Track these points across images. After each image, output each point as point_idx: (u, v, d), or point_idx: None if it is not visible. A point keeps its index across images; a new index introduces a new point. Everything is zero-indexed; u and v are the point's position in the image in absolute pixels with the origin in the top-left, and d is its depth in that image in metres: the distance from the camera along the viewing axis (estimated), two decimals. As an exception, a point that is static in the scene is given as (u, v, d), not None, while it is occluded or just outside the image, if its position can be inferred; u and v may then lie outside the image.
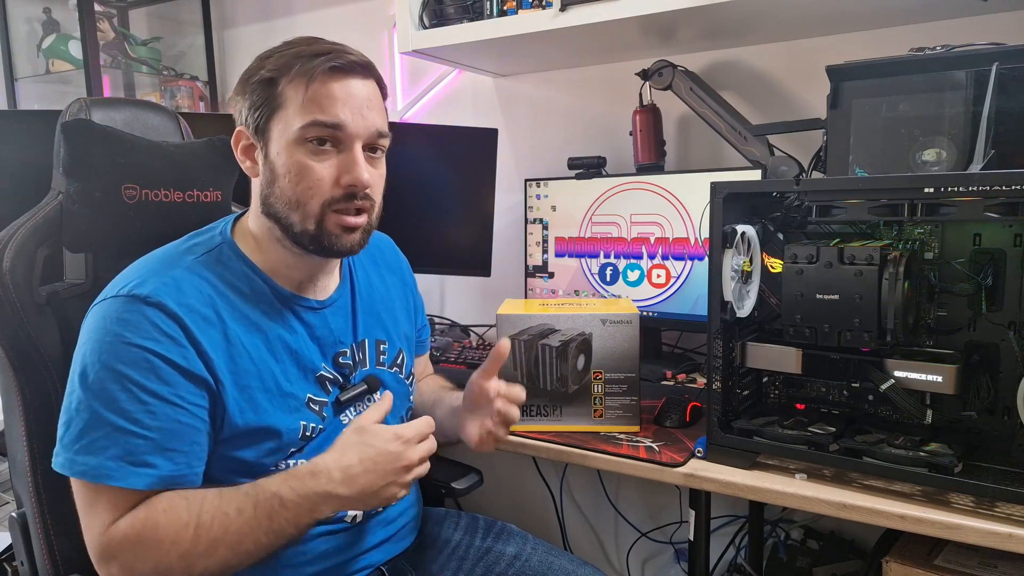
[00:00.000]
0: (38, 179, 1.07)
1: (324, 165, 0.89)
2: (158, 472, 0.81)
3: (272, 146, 0.90)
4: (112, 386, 0.80)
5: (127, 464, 0.80)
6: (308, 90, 0.87)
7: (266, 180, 0.91)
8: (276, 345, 0.93)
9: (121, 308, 0.84)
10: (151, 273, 0.87)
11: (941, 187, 0.89)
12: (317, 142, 0.88)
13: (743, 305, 1.06)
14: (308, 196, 0.89)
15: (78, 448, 0.80)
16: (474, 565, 1.11)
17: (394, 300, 1.14)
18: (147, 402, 0.81)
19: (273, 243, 0.94)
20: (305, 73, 0.87)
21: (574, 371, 1.19)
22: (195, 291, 0.87)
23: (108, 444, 0.80)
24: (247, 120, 0.91)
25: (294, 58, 0.88)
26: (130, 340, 0.81)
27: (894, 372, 0.98)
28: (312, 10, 2.25)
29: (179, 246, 0.94)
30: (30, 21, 2.47)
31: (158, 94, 2.48)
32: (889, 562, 1.02)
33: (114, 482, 0.79)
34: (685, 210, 1.52)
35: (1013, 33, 1.28)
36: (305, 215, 0.90)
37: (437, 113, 2.05)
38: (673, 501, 1.77)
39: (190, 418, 0.84)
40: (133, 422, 0.80)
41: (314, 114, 0.87)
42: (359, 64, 0.90)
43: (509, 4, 1.53)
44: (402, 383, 1.10)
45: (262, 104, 0.89)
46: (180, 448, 0.83)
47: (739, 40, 1.59)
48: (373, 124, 0.91)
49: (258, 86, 0.90)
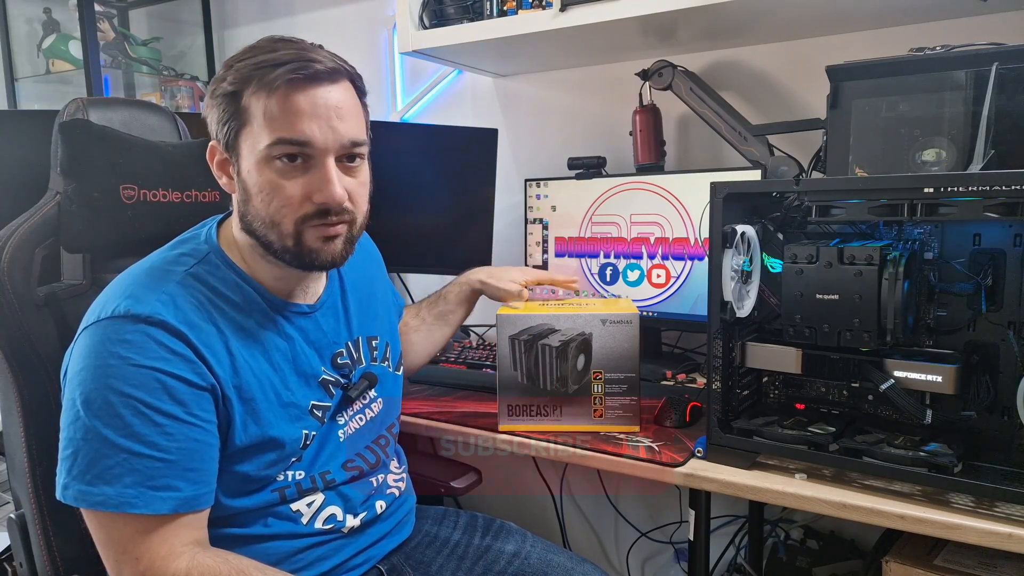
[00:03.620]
0: (38, 179, 1.07)
1: (294, 183, 0.84)
2: (181, 494, 0.79)
3: (243, 163, 0.86)
4: (123, 411, 0.78)
5: (148, 489, 0.78)
6: (271, 104, 0.82)
7: (242, 198, 0.88)
8: (274, 355, 0.92)
9: (121, 329, 0.80)
10: (144, 289, 0.84)
11: (941, 187, 0.89)
12: (287, 159, 0.84)
13: (743, 305, 1.06)
14: (281, 216, 0.85)
15: (90, 478, 0.77)
16: (474, 563, 1.11)
17: (376, 292, 1.14)
18: (162, 424, 0.79)
19: (258, 257, 0.92)
20: (265, 87, 0.82)
21: (574, 371, 1.19)
22: (192, 306, 0.85)
23: (124, 471, 0.77)
24: (217, 134, 0.88)
25: (255, 69, 0.83)
26: (138, 362, 0.79)
27: (894, 372, 0.98)
28: (312, 10, 2.24)
29: (165, 257, 0.91)
30: (30, 21, 2.47)
31: (158, 94, 2.48)
32: (889, 562, 1.02)
33: (137, 510, 0.77)
34: (685, 210, 1.52)
35: (1013, 33, 1.28)
36: (281, 234, 0.87)
37: (437, 113, 2.05)
38: (673, 501, 1.77)
39: (205, 435, 0.82)
40: (150, 446, 0.78)
41: (278, 132, 0.82)
42: (324, 72, 0.84)
43: (509, 4, 1.53)
44: (395, 377, 1.12)
45: (229, 119, 0.85)
46: (199, 467, 0.82)
47: (739, 40, 1.59)
48: (345, 135, 0.85)
49: (223, 99, 0.86)
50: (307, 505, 0.94)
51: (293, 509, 0.93)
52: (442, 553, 1.12)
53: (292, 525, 0.93)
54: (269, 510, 0.92)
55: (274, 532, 0.92)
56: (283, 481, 0.92)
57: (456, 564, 1.10)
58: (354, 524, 0.98)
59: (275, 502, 0.92)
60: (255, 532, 0.91)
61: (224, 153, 0.89)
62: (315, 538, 0.95)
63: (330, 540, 0.96)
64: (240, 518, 0.90)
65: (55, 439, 0.82)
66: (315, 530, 0.95)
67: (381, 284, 1.18)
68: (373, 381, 1.03)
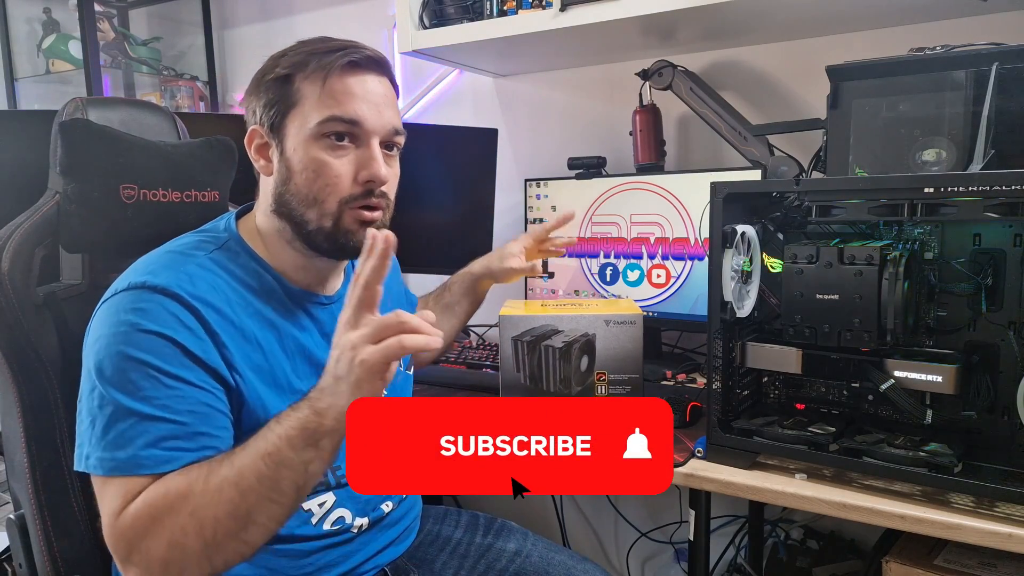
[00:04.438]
0: (37, 179, 1.07)
1: (342, 161, 0.88)
2: (192, 456, 0.78)
3: (288, 143, 0.89)
4: (134, 375, 0.77)
5: (160, 451, 0.77)
6: (325, 85, 0.87)
7: (281, 178, 0.90)
8: (288, 342, 0.92)
9: (135, 298, 0.81)
10: (163, 267, 0.85)
11: (941, 187, 0.89)
12: (335, 137, 0.88)
13: (743, 305, 1.06)
14: (326, 193, 0.88)
15: (106, 444, 0.77)
16: (476, 562, 1.11)
17: (391, 289, 1.14)
18: (173, 387, 0.78)
19: (283, 245, 0.93)
20: (323, 68, 0.87)
21: (577, 372, 1.18)
22: (209, 286, 0.85)
23: (136, 434, 0.76)
24: (261, 119, 0.90)
25: (309, 55, 0.88)
26: (148, 328, 0.79)
27: (894, 372, 0.98)
28: (312, 10, 2.24)
29: (185, 242, 0.92)
30: (30, 21, 2.47)
31: (158, 94, 2.48)
32: (889, 562, 1.02)
33: (147, 471, 0.76)
34: (685, 210, 1.52)
35: (1013, 33, 1.28)
36: (322, 212, 0.89)
37: (437, 113, 2.05)
38: (673, 501, 1.77)
39: (216, 401, 0.81)
40: (161, 407, 0.77)
41: (332, 109, 0.87)
42: (375, 60, 0.90)
43: (509, 4, 1.53)
44: (406, 376, 1.12)
45: (277, 101, 0.89)
46: (211, 432, 0.80)
47: (739, 40, 1.59)
48: (390, 121, 0.91)
49: (273, 83, 0.89)
50: (318, 505, 0.94)
51: (305, 508, 0.93)
52: (444, 552, 1.12)
53: (302, 525, 0.93)
54: None
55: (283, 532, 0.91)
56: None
57: (458, 563, 1.11)
58: (362, 523, 0.98)
59: None
60: None
61: (266, 136, 0.91)
62: (324, 540, 0.94)
63: (338, 544, 0.96)
64: None
65: (55, 439, 0.82)
66: (323, 531, 0.94)
67: (394, 281, 1.19)
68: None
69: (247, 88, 0.94)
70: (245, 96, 0.94)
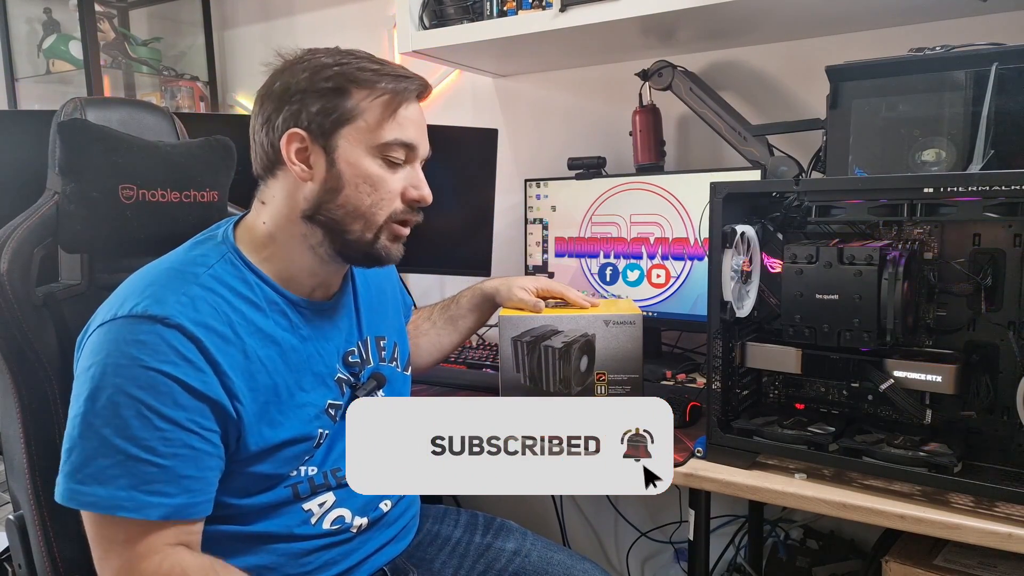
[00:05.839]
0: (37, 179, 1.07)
1: (396, 178, 0.93)
2: (172, 501, 0.79)
3: (340, 154, 0.90)
4: (125, 412, 0.77)
5: (140, 494, 0.77)
6: (398, 111, 0.92)
7: (326, 188, 0.90)
8: (290, 355, 0.92)
9: (136, 329, 0.80)
10: (165, 290, 0.84)
11: (941, 187, 0.89)
12: (393, 157, 0.92)
13: (743, 305, 1.06)
14: (379, 207, 0.92)
15: (82, 477, 0.77)
16: (475, 562, 1.11)
17: (386, 292, 1.15)
18: (162, 429, 0.79)
19: (301, 250, 0.93)
20: (398, 93, 0.91)
21: (577, 372, 1.18)
22: (211, 309, 0.85)
23: (119, 473, 0.77)
24: (310, 125, 0.89)
25: (377, 75, 0.91)
26: (148, 364, 0.79)
27: (894, 372, 0.98)
28: (312, 10, 2.24)
29: (184, 258, 0.91)
30: (30, 21, 2.47)
31: (158, 94, 2.48)
32: (889, 562, 1.02)
33: (127, 513, 0.77)
34: (685, 210, 1.52)
35: (1013, 33, 1.28)
36: (368, 224, 0.92)
37: (437, 113, 2.05)
38: (673, 501, 1.77)
39: (203, 444, 0.82)
40: (147, 450, 0.78)
41: (397, 133, 0.91)
42: (425, 90, 0.96)
43: (509, 4, 1.53)
44: (404, 377, 1.12)
45: (332, 112, 0.89)
46: (194, 475, 0.81)
47: (739, 40, 1.59)
48: (428, 147, 0.97)
49: (325, 93, 0.89)
50: (319, 505, 0.94)
51: (305, 509, 0.93)
52: (443, 551, 1.12)
53: (302, 524, 0.93)
54: (281, 508, 0.92)
55: (284, 531, 0.92)
56: (297, 477, 0.92)
57: (458, 562, 1.11)
58: (361, 523, 0.98)
59: (288, 499, 0.92)
60: (265, 531, 0.91)
61: (311, 142, 0.90)
62: (323, 540, 0.95)
63: (337, 544, 0.96)
64: (251, 516, 0.90)
65: (54, 440, 0.82)
66: (323, 531, 0.95)
67: (390, 284, 1.19)
68: (382, 382, 1.03)
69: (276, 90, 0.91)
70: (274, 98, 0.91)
